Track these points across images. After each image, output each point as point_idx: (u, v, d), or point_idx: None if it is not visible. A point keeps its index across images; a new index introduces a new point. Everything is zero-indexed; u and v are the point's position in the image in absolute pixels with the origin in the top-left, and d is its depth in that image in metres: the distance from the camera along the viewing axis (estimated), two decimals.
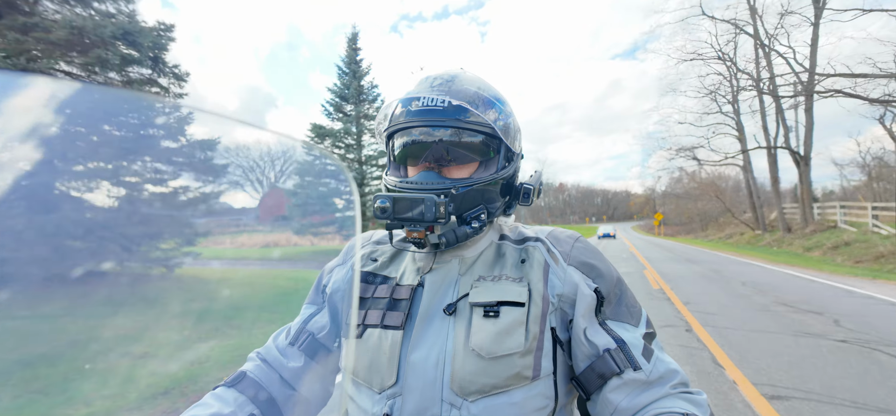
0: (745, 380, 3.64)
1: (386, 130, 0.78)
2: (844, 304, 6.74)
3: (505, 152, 0.77)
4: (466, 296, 0.71)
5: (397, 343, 0.69)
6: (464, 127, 0.72)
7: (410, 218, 0.68)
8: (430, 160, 0.74)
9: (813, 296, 7.48)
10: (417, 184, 0.72)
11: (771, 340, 4.78)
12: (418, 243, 0.73)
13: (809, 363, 3.97)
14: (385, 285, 0.77)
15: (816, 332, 5.06)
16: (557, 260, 0.75)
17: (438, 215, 0.67)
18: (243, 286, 7.63)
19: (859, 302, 6.90)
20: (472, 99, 0.73)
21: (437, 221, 0.67)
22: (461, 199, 0.71)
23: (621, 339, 0.69)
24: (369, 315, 0.74)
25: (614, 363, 0.68)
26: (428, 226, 0.70)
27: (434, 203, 0.67)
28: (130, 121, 2.85)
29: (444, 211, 0.67)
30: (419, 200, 0.67)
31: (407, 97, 0.74)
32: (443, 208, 0.67)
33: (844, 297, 7.37)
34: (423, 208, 0.67)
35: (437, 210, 0.67)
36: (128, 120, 2.78)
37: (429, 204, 0.67)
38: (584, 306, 0.71)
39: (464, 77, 0.77)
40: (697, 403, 0.66)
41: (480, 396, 0.65)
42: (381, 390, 0.69)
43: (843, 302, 6.89)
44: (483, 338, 0.66)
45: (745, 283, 9.24)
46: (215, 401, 0.72)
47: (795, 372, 3.78)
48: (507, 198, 0.80)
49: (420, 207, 0.67)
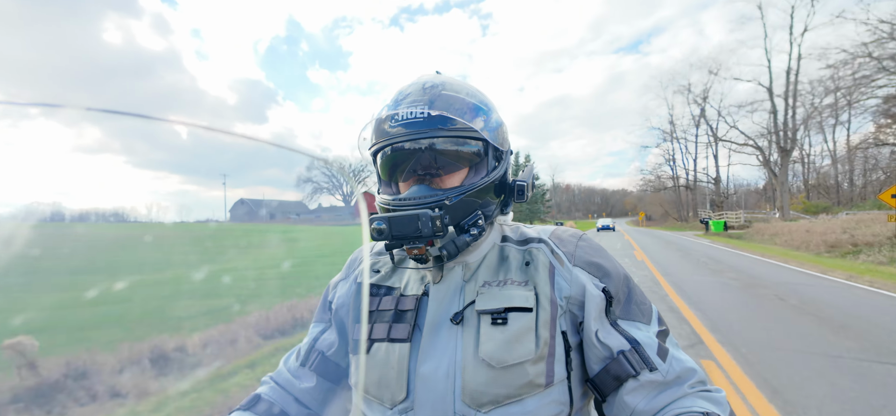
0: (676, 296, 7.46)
1: (370, 148, 0.77)
2: (714, 252, 13.35)
3: (493, 153, 0.76)
4: (472, 303, 0.70)
5: (405, 357, 0.68)
6: (448, 135, 0.70)
7: (408, 236, 0.66)
8: (419, 173, 0.73)
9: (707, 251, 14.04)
10: (410, 200, 0.70)
11: (683, 269, 11.13)
12: (420, 259, 0.72)
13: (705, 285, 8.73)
14: (389, 297, 0.76)
15: (709, 269, 11.33)
16: (563, 261, 0.73)
17: (436, 228, 0.65)
18: None
19: (722, 251, 13.57)
20: (453, 105, 0.71)
21: (434, 235, 0.66)
22: (456, 208, 0.70)
23: (635, 339, 0.68)
24: (375, 329, 0.73)
25: (629, 365, 0.66)
26: (427, 241, 0.68)
27: (430, 218, 0.65)
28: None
29: (441, 224, 0.66)
30: (415, 217, 0.65)
31: (388, 113, 0.72)
32: (439, 222, 0.65)
33: (714, 249, 13.89)
34: (419, 224, 0.65)
35: (434, 224, 0.65)
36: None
37: (424, 220, 0.65)
38: (594, 308, 0.69)
39: (442, 83, 0.74)
40: (717, 401, 0.64)
41: (493, 406, 0.64)
42: (392, 405, 0.68)
43: (713, 251, 13.49)
44: (493, 347, 0.65)
45: (669, 242, 16.97)
46: None
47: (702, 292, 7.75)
48: (501, 197, 0.78)
49: (416, 223, 0.65)
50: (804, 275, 9.44)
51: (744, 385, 3.43)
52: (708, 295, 7.09)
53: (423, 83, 0.74)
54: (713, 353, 4.21)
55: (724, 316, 5.63)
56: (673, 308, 6.19)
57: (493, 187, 0.75)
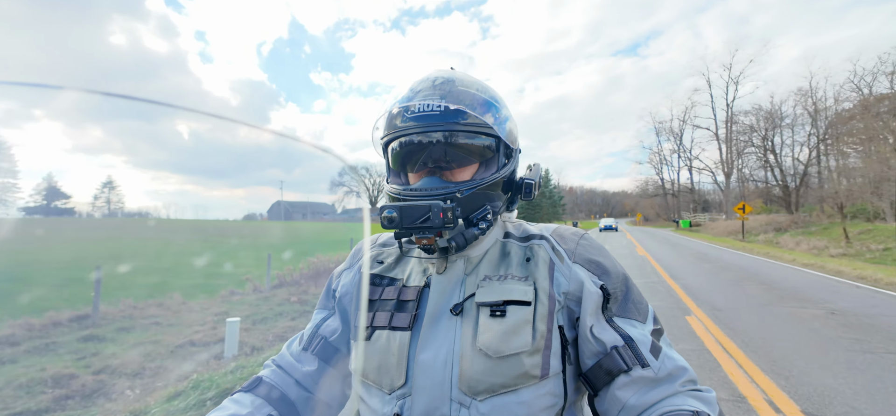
0: (645, 253, 17.53)
1: (383, 137, 0.78)
2: (675, 239, 25.78)
3: (504, 150, 0.78)
4: (473, 296, 0.71)
5: (405, 344, 0.70)
6: (462, 129, 0.72)
7: (419, 227, 0.68)
8: (430, 165, 0.74)
9: (672, 238, 26.56)
10: (422, 190, 0.72)
11: (654, 246, 22.60)
12: (428, 250, 0.74)
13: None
14: (392, 287, 0.77)
15: (669, 244, 22.96)
16: (563, 258, 0.75)
17: (446, 220, 0.67)
18: None
19: (681, 238, 26.00)
20: (468, 100, 0.73)
21: (444, 226, 0.67)
22: (466, 201, 0.72)
23: (629, 336, 0.69)
24: (377, 317, 0.74)
25: (622, 361, 0.68)
26: (437, 231, 0.69)
27: (441, 208, 0.67)
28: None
29: (452, 216, 0.67)
30: (426, 208, 0.67)
31: (402, 106, 0.73)
32: (450, 214, 0.67)
33: (677, 237, 26.49)
34: (430, 215, 0.67)
35: (445, 216, 0.67)
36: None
37: (435, 211, 0.67)
38: (591, 304, 0.71)
39: (457, 78, 0.76)
40: (707, 400, 0.66)
41: (489, 395, 0.65)
42: (390, 390, 0.70)
43: (675, 238, 26.09)
44: (490, 338, 0.66)
45: (652, 235, 28.75)
46: (233, 405, 0.74)
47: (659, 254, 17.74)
48: (509, 194, 0.80)
49: (427, 214, 0.67)
50: (713, 247, 21.16)
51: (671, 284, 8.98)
52: (661, 255, 18.51)
53: (437, 77, 0.76)
54: (660, 274, 10.67)
55: (668, 264, 13.63)
56: (645, 260, 14.87)
57: (501, 184, 0.77)
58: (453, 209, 0.68)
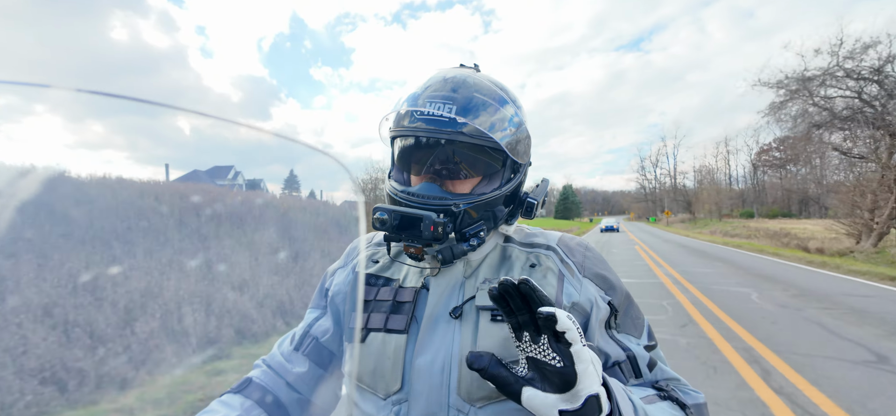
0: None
1: (390, 132, 0.77)
2: (652, 230, 50.45)
3: (511, 164, 0.75)
4: (472, 299, 0.70)
5: (401, 347, 0.68)
6: (467, 141, 0.69)
7: (407, 236, 0.67)
8: (431, 172, 0.73)
9: (644, 228, 52.38)
10: (418, 197, 0.70)
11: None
12: (415, 257, 0.72)
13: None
14: (387, 288, 0.75)
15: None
16: (573, 272, 0.74)
17: (436, 235, 0.65)
18: None
19: (645, 228, 51.30)
20: (479, 109, 0.69)
21: (434, 240, 0.66)
22: (461, 216, 0.69)
23: (630, 350, 0.71)
24: (372, 319, 0.72)
25: (622, 374, 0.69)
26: (426, 243, 0.68)
27: (433, 222, 0.65)
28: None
29: (442, 232, 0.66)
30: (418, 219, 0.65)
31: (414, 103, 0.71)
32: (440, 229, 0.65)
33: (645, 228, 51.88)
34: (421, 226, 0.65)
35: (436, 230, 0.65)
36: None
37: (426, 223, 0.65)
38: (598, 319, 0.71)
39: (473, 82, 0.72)
40: (696, 399, 0.69)
41: (487, 402, 0.64)
42: (386, 395, 0.68)
43: (643, 228, 51.54)
44: (490, 343, 0.65)
45: (636, 227, 55.58)
46: (222, 407, 0.72)
47: (640, 235, 36.59)
48: (510, 207, 0.78)
49: (418, 224, 0.65)
50: (658, 234, 43.45)
51: (641, 247, 20.79)
52: (641, 235, 39.18)
53: (451, 77, 0.72)
54: (632, 239, 32.17)
55: (644, 239, 28.59)
56: (629, 239, 34.01)
57: (503, 198, 0.74)
58: (444, 225, 0.66)
